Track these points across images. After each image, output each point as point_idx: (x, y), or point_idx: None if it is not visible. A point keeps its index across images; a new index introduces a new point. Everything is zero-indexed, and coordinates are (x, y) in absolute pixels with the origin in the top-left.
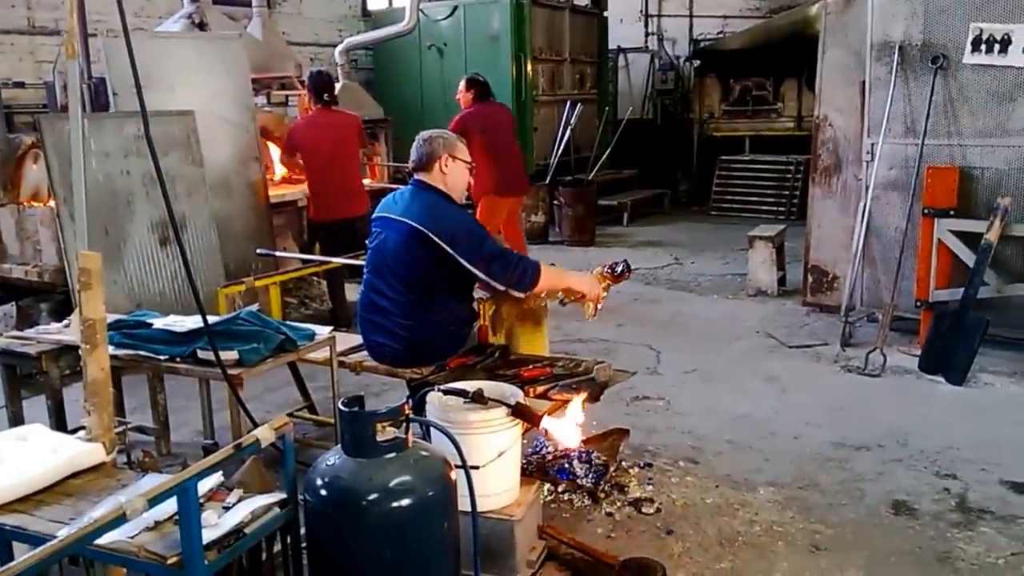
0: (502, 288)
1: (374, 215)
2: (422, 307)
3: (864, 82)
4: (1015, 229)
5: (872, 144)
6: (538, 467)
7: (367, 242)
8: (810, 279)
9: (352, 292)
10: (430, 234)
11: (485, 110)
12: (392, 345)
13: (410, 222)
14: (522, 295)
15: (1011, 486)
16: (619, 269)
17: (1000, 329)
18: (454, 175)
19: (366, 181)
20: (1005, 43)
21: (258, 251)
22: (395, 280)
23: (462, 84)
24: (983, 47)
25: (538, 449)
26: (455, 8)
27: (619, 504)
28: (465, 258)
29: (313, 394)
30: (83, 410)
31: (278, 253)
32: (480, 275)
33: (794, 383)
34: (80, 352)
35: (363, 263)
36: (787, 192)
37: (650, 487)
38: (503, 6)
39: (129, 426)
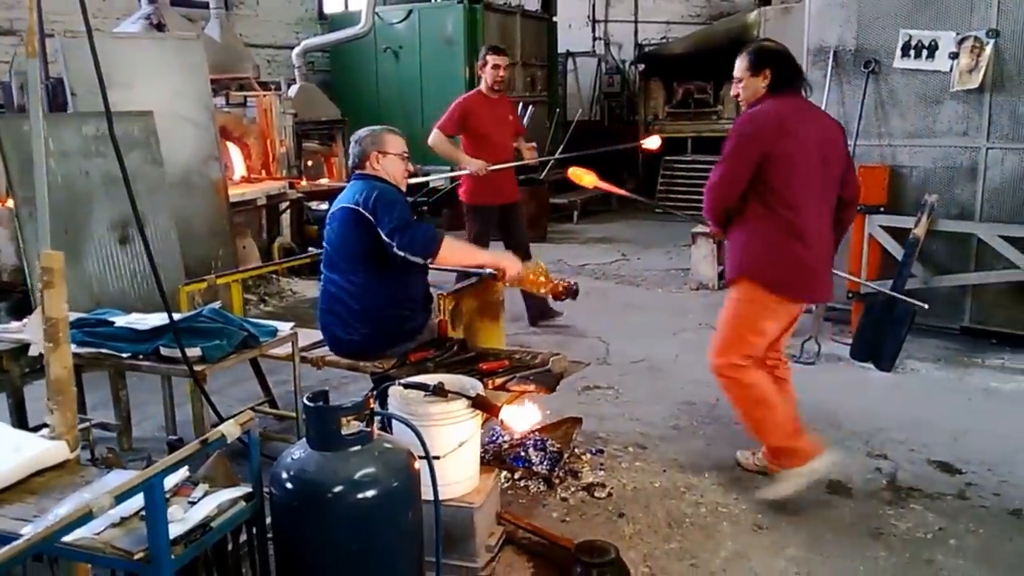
0: (410, 257)
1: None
2: (372, 287)
3: None
4: (941, 224)
5: None
6: (495, 456)
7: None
8: None
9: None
10: (360, 209)
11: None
12: (348, 337)
13: (344, 204)
14: (422, 261)
15: (937, 465)
16: (573, 287)
17: (926, 319)
18: (387, 168)
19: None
20: (932, 49)
21: None
22: (342, 264)
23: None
24: (912, 52)
25: (494, 438)
26: (410, 12)
27: (573, 489)
28: (380, 227)
29: (274, 388)
30: (46, 408)
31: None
32: (391, 243)
33: None
34: (43, 350)
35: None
36: None
37: (602, 472)
38: (457, 10)
39: (91, 423)
